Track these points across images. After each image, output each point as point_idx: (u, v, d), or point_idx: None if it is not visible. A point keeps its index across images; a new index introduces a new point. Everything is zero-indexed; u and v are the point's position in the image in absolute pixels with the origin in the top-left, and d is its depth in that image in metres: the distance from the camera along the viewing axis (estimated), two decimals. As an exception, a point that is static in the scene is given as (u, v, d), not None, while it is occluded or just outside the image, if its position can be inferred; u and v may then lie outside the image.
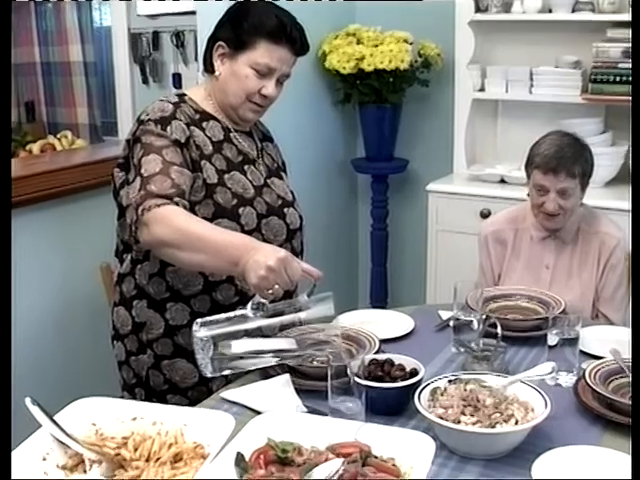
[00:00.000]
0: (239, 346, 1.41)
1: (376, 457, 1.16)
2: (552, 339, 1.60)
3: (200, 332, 1.40)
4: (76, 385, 2.08)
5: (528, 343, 1.78)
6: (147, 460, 1.19)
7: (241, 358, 1.42)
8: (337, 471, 1.10)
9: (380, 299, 3.60)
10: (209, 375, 1.40)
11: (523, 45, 3.13)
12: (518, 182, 2.96)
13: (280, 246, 1.63)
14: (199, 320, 1.42)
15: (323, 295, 1.43)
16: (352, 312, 1.95)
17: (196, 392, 1.75)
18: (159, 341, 1.76)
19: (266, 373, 1.60)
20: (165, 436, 1.24)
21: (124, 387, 1.84)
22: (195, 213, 1.63)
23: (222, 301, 1.74)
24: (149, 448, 1.21)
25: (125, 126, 3.07)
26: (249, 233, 1.66)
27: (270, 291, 1.43)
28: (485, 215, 2.95)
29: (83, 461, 1.19)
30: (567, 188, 2.04)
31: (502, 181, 3.13)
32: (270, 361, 1.46)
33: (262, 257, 1.42)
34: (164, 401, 1.74)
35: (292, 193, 1.89)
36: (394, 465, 1.15)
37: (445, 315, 1.93)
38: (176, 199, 1.55)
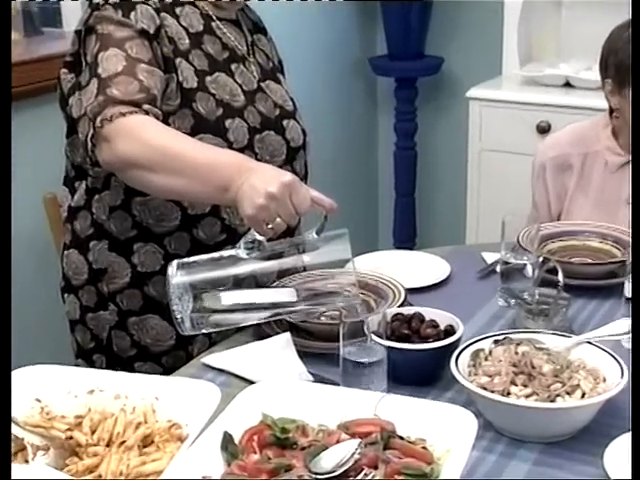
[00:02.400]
0: (227, 297, 1.42)
1: (402, 438, 1.16)
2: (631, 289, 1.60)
3: (177, 277, 1.40)
4: (15, 350, 2.08)
5: (599, 294, 1.78)
6: (108, 445, 1.20)
7: (229, 312, 1.43)
8: (352, 455, 1.10)
9: (406, 238, 3.62)
10: (187, 333, 1.41)
11: None
12: (588, 86, 2.94)
13: (279, 168, 1.62)
14: (176, 262, 1.42)
15: (336, 233, 1.43)
16: (371, 254, 1.96)
17: (172, 358, 1.77)
18: (124, 293, 1.77)
19: (261, 332, 1.61)
20: (131, 413, 1.24)
21: (79, 353, 1.86)
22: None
23: (205, 240, 1.74)
24: (110, 429, 1.21)
25: (71, 13, 3.02)
26: (238, 152, 1.65)
27: (269, 225, 1.43)
28: (544, 130, 2.94)
29: (25, 448, 1.19)
30: None
31: (567, 85, 3.10)
32: (266, 316, 1.47)
33: (260, 181, 1.41)
34: (131, 370, 1.75)
35: (292, 101, 1.88)
36: (424, 448, 1.15)
37: (490, 258, 1.94)
38: (145, 106, 1.55)
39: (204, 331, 1.44)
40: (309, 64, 3.22)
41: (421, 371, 1.46)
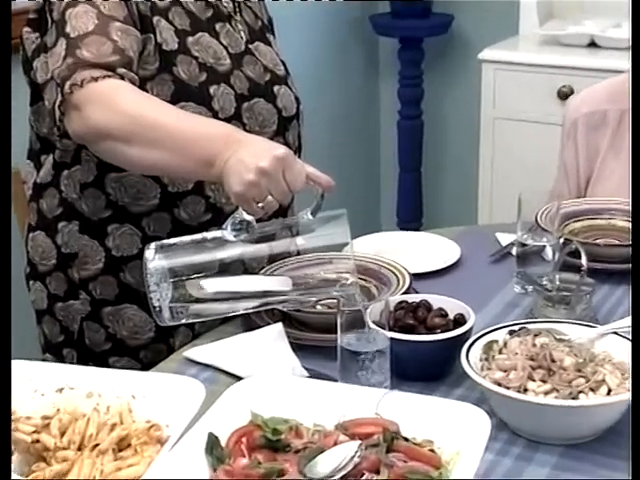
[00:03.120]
0: (211, 284, 1.42)
1: (406, 439, 1.17)
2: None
3: (155, 261, 1.40)
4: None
5: (626, 280, 1.78)
6: (79, 449, 1.20)
7: (214, 301, 1.44)
8: (351, 459, 1.11)
9: (412, 217, 3.63)
10: (166, 324, 1.42)
11: None
12: (616, 45, 2.93)
13: (271, 140, 1.63)
14: (154, 244, 1.43)
15: (333, 213, 1.44)
16: (373, 236, 1.97)
17: (151, 352, 1.78)
18: (97, 280, 1.77)
19: (250, 323, 1.62)
20: (105, 414, 1.24)
21: (46, 346, 1.87)
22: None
23: (187, 220, 1.75)
24: (82, 431, 1.21)
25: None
26: (224, 122, 1.65)
27: (260, 204, 1.43)
28: (565, 95, 2.93)
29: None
30: None
31: (592, 44, 3.09)
32: (255, 306, 1.47)
33: (250, 155, 1.42)
34: (105, 366, 1.76)
35: (284, 65, 1.88)
36: (432, 451, 1.15)
37: (505, 239, 1.94)
38: (120, 70, 1.54)
39: (185, 321, 1.44)
40: (302, 23, 3.21)
41: (428, 365, 1.46)
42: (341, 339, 1.35)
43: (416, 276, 1.73)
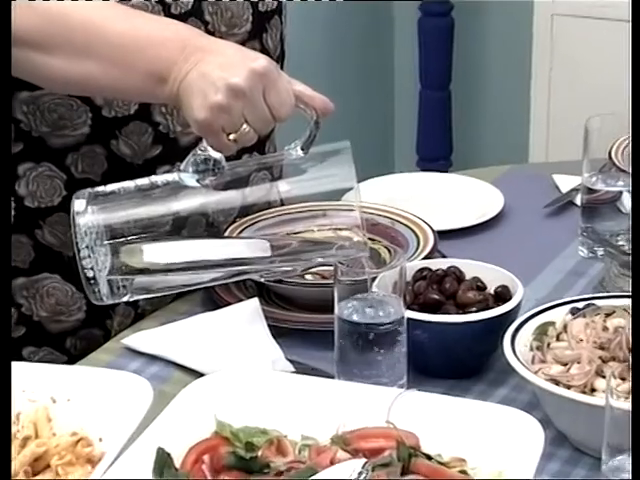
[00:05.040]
0: (162, 248, 1.44)
1: (429, 457, 1.17)
2: None
3: (87, 215, 1.41)
4: None
5: None
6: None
7: (167, 271, 1.45)
8: (355, 484, 1.12)
9: (437, 154, 3.63)
10: (105, 302, 1.43)
11: None
12: None
13: (242, 45, 1.64)
14: (85, 191, 1.43)
15: (332, 147, 1.45)
16: (384, 179, 1.99)
17: (80, 340, 1.79)
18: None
19: (213, 298, 1.63)
20: (15, 423, 1.25)
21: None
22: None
23: (129, 157, 1.75)
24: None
25: None
26: (179, 21, 1.66)
27: (231, 136, 1.44)
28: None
29: None
30: None
31: None
32: (221, 277, 1.48)
33: (218, 68, 1.42)
34: (18, 358, 1.75)
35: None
36: (463, 472, 1.16)
37: (566, 184, 1.96)
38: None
39: (128, 299, 1.46)
40: None
41: (459, 356, 1.47)
42: (338, 308, 1.36)
43: (442, 234, 1.74)
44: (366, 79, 3.69)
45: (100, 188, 1.45)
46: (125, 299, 1.45)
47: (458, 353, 1.47)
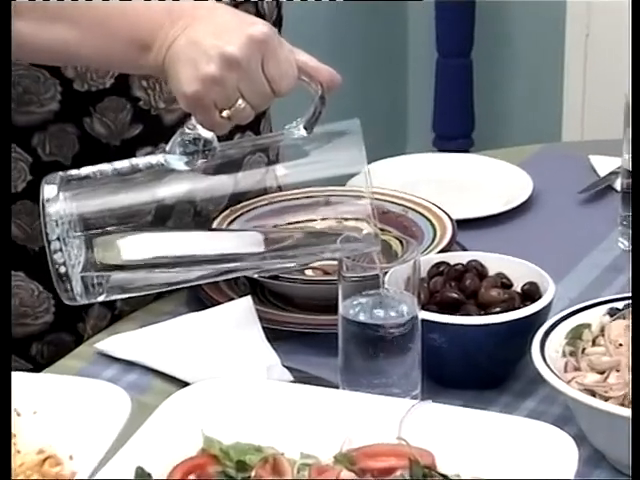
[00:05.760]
0: (143, 241, 1.44)
1: (446, 477, 1.17)
2: None
3: (58, 203, 1.41)
4: None
5: None
6: None
7: (149, 267, 1.45)
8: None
9: (457, 132, 3.64)
10: (78, 302, 1.43)
11: None
12: None
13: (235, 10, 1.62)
14: (56, 175, 1.44)
15: (339, 126, 1.45)
16: (397, 160, 2.01)
17: (48, 345, 1.80)
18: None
19: (200, 297, 1.65)
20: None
21: None
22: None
23: (105, 137, 1.76)
24: None
25: None
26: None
27: (225, 112, 1.43)
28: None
29: None
30: None
31: None
32: (209, 274, 1.49)
33: (210, 34, 1.42)
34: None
35: None
36: (487, 496, 1.17)
37: (603, 166, 1.97)
38: None
39: (104, 298, 1.46)
40: None
41: (481, 363, 1.48)
42: (343, 308, 1.36)
43: (462, 224, 1.74)
44: (376, 47, 3.70)
45: (74, 172, 1.45)
46: (101, 299, 1.46)
47: (480, 360, 1.47)
